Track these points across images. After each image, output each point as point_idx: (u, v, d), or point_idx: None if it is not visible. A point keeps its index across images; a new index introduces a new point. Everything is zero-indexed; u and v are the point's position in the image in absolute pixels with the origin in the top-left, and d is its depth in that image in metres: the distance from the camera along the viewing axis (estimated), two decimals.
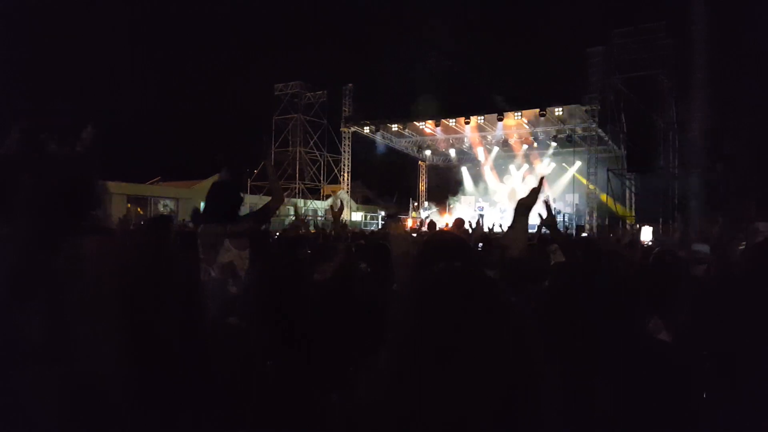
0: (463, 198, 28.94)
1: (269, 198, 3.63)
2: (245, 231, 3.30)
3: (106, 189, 2.94)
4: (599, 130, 20.77)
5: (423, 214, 24.62)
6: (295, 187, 26.80)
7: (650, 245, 8.42)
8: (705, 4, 16.26)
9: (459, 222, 8.59)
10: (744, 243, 5.22)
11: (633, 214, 19.84)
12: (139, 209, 26.36)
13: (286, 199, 26.38)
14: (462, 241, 2.56)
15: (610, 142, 19.91)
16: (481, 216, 19.17)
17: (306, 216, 26.60)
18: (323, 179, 27.79)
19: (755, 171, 19.42)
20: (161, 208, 28.49)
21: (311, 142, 27.00)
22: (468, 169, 29.74)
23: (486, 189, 28.57)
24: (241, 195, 3.50)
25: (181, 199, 28.98)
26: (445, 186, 30.24)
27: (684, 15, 16.97)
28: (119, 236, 2.89)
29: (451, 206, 27.81)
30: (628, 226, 19.05)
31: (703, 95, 16.60)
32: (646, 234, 14.55)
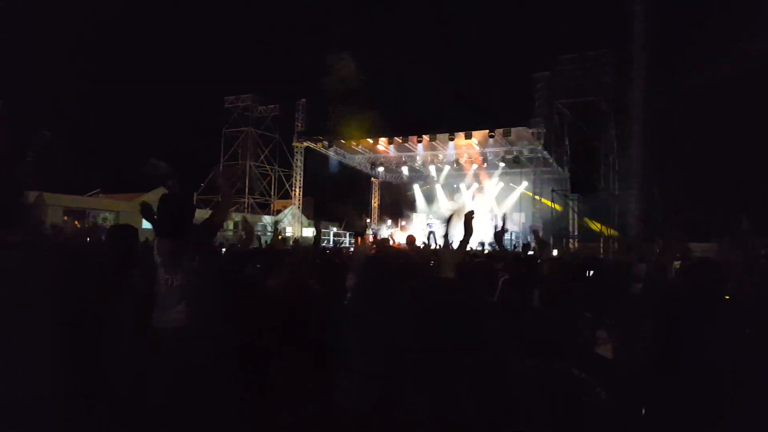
0: (414, 215, 29.25)
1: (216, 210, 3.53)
2: (200, 245, 3.20)
3: (41, 200, 2.82)
4: (544, 152, 21.53)
5: (385, 230, 24.59)
6: (245, 202, 26.27)
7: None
8: (644, 35, 17.25)
9: (411, 239, 8.72)
10: (679, 261, 5.48)
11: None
12: (76, 222, 25.11)
13: (234, 214, 25.87)
14: (408, 256, 2.57)
15: (554, 164, 20.65)
16: (432, 233, 19.35)
17: (256, 231, 26.09)
18: (274, 194, 27.39)
19: (689, 194, 20.59)
20: (100, 221, 27.30)
21: (262, 156, 26.61)
22: (420, 186, 30.12)
23: (437, 207, 28.99)
24: (193, 206, 3.40)
25: (122, 212, 27.83)
26: (397, 203, 30.48)
27: (624, 44, 17.95)
28: (52, 249, 2.77)
29: (404, 224, 28.02)
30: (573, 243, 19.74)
31: (641, 121, 17.53)
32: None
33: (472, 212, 2.88)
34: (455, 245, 2.64)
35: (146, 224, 3.96)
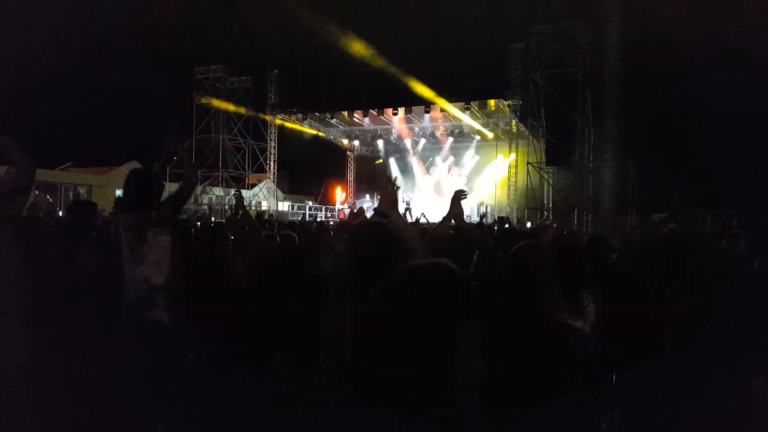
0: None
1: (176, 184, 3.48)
2: (168, 220, 3.14)
3: (10, 174, 2.68)
4: (520, 125, 21.54)
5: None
6: (218, 175, 25.77)
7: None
8: (618, 5, 17.20)
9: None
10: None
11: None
12: (48, 197, 24.44)
13: (217, 189, 25.39)
14: (388, 231, 2.49)
15: (530, 136, 20.69)
16: (409, 209, 19.30)
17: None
18: (248, 168, 26.90)
19: (662, 165, 20.95)
20: (71, 196, 26.64)
21: (235, 130, 26.03)
22: (396, 160, 29.98)
23: (413, 180, 28.94)
24: (162, 182, 3.31)
25: (95, 186, 27.12)
26: (372, 176, 30.32)
27: (598, 15, 17.91)
28: (22, 225, 2.64)
29: (378, 196, 27.96)
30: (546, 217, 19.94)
31: (615, 94, 17.62)
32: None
33: (461, 191, 2.91)
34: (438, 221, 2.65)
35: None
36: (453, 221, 3.02)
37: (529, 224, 19.46)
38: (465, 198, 2.85)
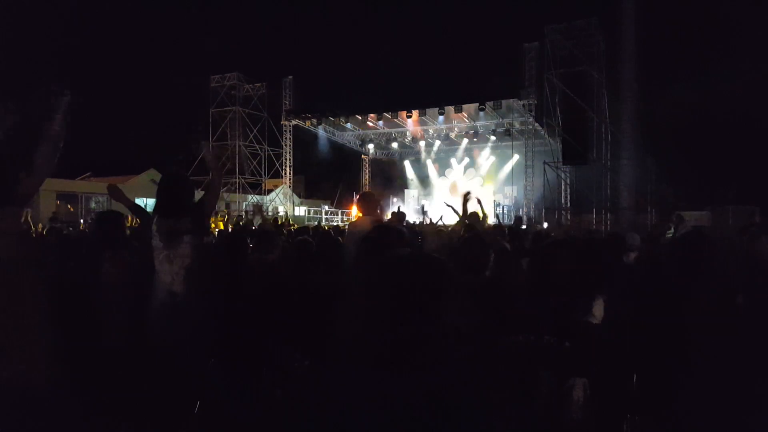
0: (406, 191, 29.16)
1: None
2: (195, 226, 3.14)
3: (32, 184, 2.70)
4: (536, 124, 21.36)
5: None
6: (236, 182, 26.02)
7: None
8: (633, 1, 16.97)
9: (401, 215, 8.75)
10: (671, 230, 5.44)
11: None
12: (69, 206, 24.91)
13: (230, 195, 25.61)
14: (402, 232, 2.51)
15: (546, 135, 20.51)
16: (426, 213, 19.28)
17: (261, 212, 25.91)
18: (264, 173, 27.13)
19: (681, 162, 20.59)
20: (93, 205, 27.14)
21: (251, 136, 26.27)
22: (410, 162, 29.95)
23: (428, 182, 28.89)
24: (192, 186, 3.33)
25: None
26: (388, 179, 30.34)
27: (613, 12, 17.69)
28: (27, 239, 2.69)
29: (394, 200, 27.96)
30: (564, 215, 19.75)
31: (632, 90, 17.38)
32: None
33: (468, 193, 2.96)
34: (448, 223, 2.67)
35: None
36: (467, 221, 3.03)
37: (546, 224, 19.29)
38: (470, 200, 2.88)
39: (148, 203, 5.40)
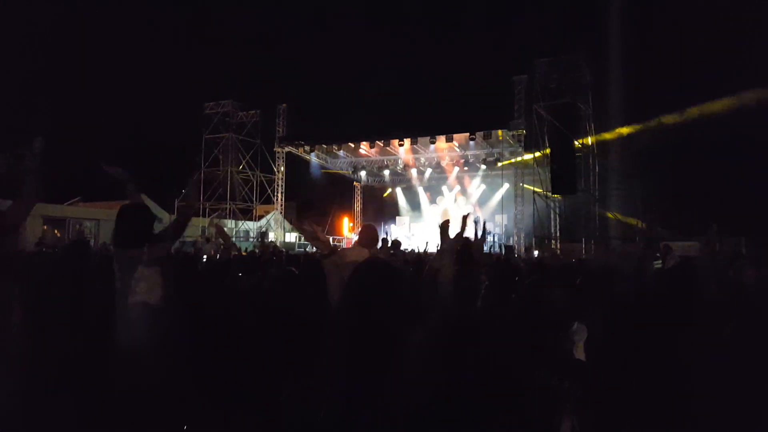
0: (397, 218, 29.27)
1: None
2: (161, 255, 3.17)
3: (19, 213, 2.74)
4: (525, 154, 21.70)
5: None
6: (227, 207, 25.99)
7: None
8: (617, 36, 17.51)
9: (395, 244, 8.86)
10: (659, 260, 5.54)
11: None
12: (56, 231, 24.67)
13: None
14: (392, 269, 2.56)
15: (535, 165, 20.83)
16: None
17: (238, 236, 25.80)
18: (256, 199, 27.13)
19: (668, 192, 20.90)
20: (78, 229, 26.93)
21: (243, 162, 26.38)
22: (402, 190, 30.17)
23: (419, 210, 29.05)
24: (154, 215, 3.37)
25: (103, 221, 27.36)
26: (379, 207, 30.48)
27: (600, 46, 18.23)
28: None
29: (386, 227, 28.03)
30: (553, 244, 19.90)
31: (618, 123, 17.79)
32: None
33: (447, 221, 2.98)
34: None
35: None
36: (449, 251, 3.06)
37: (536, 252, 19.41)
38: (449, 227, 2.90)
39: None
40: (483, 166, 25.36)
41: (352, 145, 25.56)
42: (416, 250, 12.44)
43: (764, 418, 2.58)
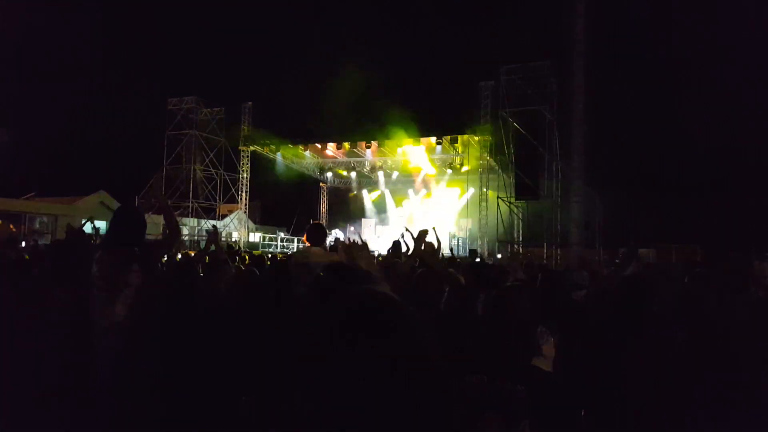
0: (363, 220, 29.21)
1: (159, 216, 3.52)
2: (144, 262, 3.12)
3: None
4: (490, 160, 21.98)
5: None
6: (189, 206, 25.40)
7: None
8: (584, 46, 17.95)
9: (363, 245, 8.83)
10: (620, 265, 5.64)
11: None
12: (11, 226, 23.74)
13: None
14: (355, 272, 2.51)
15: (500, 170, 21.12)
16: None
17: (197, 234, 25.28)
18: (219, 198, 26.61)
19: (627, 200, 21.56)
20: (37, 225, 26.03)
21: (207, 160, 25.83)
22: (368, 192, 30.13)
23: (385, 212, 29.08)
24: (145, 220, 3.30)
25: (60, 216, 26.42)
26: (345, 208, 30.38)
27: (566, 55, 18.65)
28: None
29: (351, 228, 27.94)
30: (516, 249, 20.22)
31: (582, 131, 18.22)
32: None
33: (424, 231, 3.00)
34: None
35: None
36: (419, 257, 3.06)
37: (499, 256, 19.68)
38: (426, 236, 2.93)
39: (101, 227, 5.21)
40: (449, 170, 25.59)
41: (319, 146, 25.39)
42: (381, 254, 12.41)
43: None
